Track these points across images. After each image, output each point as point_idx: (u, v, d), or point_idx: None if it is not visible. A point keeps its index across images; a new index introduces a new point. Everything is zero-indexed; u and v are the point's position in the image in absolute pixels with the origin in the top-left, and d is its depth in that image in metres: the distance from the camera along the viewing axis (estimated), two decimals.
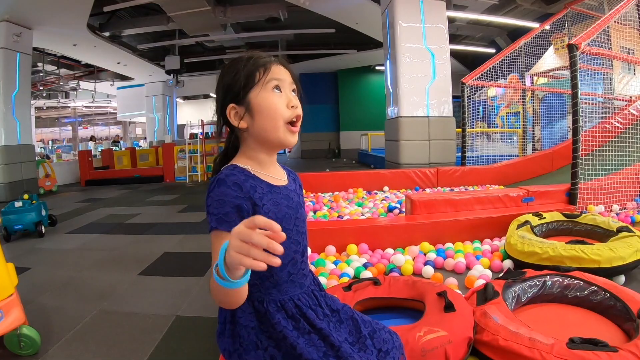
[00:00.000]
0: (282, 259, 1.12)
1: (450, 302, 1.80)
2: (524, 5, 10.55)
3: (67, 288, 3.24)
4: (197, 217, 5.94)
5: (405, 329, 1.62)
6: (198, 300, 2.91)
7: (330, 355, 1.09)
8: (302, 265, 1.20)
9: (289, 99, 1.14)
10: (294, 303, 1.15)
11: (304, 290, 1.19)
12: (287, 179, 1.24)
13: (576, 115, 4.22)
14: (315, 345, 1.10)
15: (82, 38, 10.74)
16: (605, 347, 1.47)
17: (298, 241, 1.18)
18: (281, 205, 1.13)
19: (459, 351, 1.58)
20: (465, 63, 15.42)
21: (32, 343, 2.18)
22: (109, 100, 22.04)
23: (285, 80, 1.15)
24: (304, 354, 1.07)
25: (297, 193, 1.24)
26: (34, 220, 4.86)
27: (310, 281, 1.24)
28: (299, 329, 1.12)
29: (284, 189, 1.17)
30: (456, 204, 3.93)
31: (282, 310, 1.13)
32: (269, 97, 1.12)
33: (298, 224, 1.18)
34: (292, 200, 1.18)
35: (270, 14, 10.49)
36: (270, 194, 1.12)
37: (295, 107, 1.14)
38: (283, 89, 1.14)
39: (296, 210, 1.18)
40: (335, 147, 18.94)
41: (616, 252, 2.54)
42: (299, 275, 1.18)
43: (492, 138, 10.06)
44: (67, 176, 11.62)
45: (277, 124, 1.12)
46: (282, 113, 1.12)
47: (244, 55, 1.18)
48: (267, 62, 1.14)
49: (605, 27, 4.60)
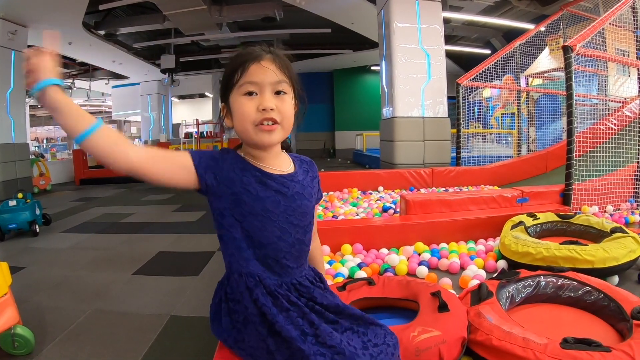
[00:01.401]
0: (261, 239, 1.16)
1: (444, 302, 1.80)
2: (519, 6, 10.59)
3: (62, 287, 3.23)
4: (192, 217, 5.93)
5: (399, 328, 1.62)
6: (192, 299, 2.91)
7: (308, 334, 1.10)
8: (288, 256, 1.20)
9: (261, 101, 1.12)
10: (272, 282, 1.17)
11: (285, 280, 1.19)
12: (296, 170, 1.26)
13: (571, 117, 4.23)
14: (294, 323, 1.11)
15: (77, 36, 10.69)
16: (599, 347, 1.47)
17: (286, 229, 1.18)
18: (269, 189, 1.16)
19: (453, 351, 1.58)
20: (461, 64, 15.46)
21: (26, 343, 2.17)
22: (104, 99, 21.98)
23: (264, 82, 1.13)
24: (283, 331, 1.08)
25: (304, 185, 1.25)
26: (28, 219, 4.83)
27: (299, 275, 1.23)
28: (277, 306, 1.13)
29: (279, 177, 1.19)
30: (451, 204, 3.94)
31: (261, 285, 1.15)
32: (239, 102, 1.14)
33: (290, 213, 1.19)
34: (289, 189, 1.19)
35: (266, 14, 10.47)
36: (258, 175, 1.16)
37: (265, 109, 1.11)
38: (260, 91, 1.13)
39: (291, 199, 1.19)
40: (330, 147, 18.97)
41: (610, 252, 2.55)
42: (279, 264, 1.18)
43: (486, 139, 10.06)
44: (62, 175, 11.56)
45: (245, 127, 1.14)
46: (249, 117, 1.12)
47: (236, 52, 1.20)
48: (246, 61, 1.14)
49: (600, 29, 4.62)
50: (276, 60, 1.16)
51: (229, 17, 10.68)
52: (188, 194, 8.31)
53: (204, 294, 2.97)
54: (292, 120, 1.19)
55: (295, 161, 1.29)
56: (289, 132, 1.20)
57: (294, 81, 1.20)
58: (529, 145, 8.71)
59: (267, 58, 1.15)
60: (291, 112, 1.18)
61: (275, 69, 1.14)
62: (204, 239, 4.62)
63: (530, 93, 8.73)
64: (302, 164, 1.31)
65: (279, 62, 1.16)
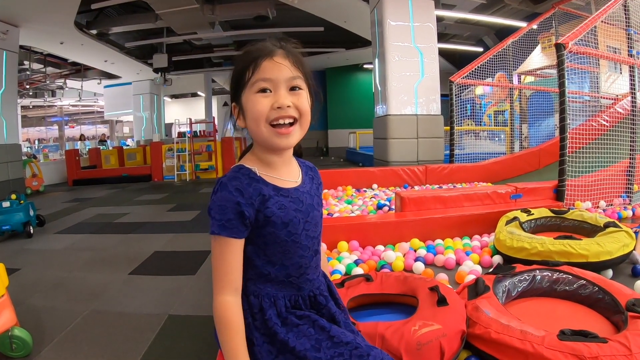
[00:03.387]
0: (284, 261, 1.13)
1: (443, 296, 1.82)
2: (511, 4, 10.64)
3: (58, 288, 3.22)
4: (186, 216, 5.93)
5: (400, 323, 1.64)
6: (190, 299, 2.91)
7: (322, 340, 1.09)
8: (308, 270, 1.17)
9: (276, 98, 1.07)
10: (285, 302, 1.15)
11: (302, 293, 1.18)
12: (303, 179, 1.21)
13: (563, 113, 4.27)
14: (305, 335, 1.10)
15: (69, 36, 10.64)
16: (595, 338, 1.50)
17: (307, 246, 1.15)
18: (288, 209, 1.11)
19: (453, 344, 1.60)
20: (454, 62, 15.51)
21: (24, 345, 2.16)
22: (96, 99, 21.86)
23: (278, 78, 1.07)
24: (296, 347, 1.07)
25: (312, 194, 1.20)
26: (22, 221, 4.81)
27: (315, 286, 1.21)
28: (287, 324, 1.12)
29: (294, 192, 1.14)
30: (445, 200, 3.96)
31: (274, 307, 1.13)
32: (252, 100, 1.08)
33: (308, 227, 1.15)
34: (303, 203, 1.15)
35: (259, 12, 10.45)
36: (276, 197, 1.10)
37: (281, 107, 1.06)
38: (274, 89, 1.08)
39: (306, 214, 1.15)
40: (323, 146, 18.97)
41: (604, 246, 2.58)
42: (301, 279, 1.16)
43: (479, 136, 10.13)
44: (54, 176, 11.49)
45: (259, 126, 1.08)
46: (263, 115, 1.07)
47: (245, 48, 1.14)
48: (258, 57, 1.08)
49: (592, 27, 4.66)
50: (289, 56, 1.10)
51: (221, 15, 10.66)
52: (181, 194, 8.31)
53: (201, 293, 2.97)
54: (309, 117, 1.13)
55: (302, 168, 1.24)
56: (306, 131, 1.14)
57: (308, 76, 1.14)
58: (522, 142, 8.76)
59: (280, 53, 1.09)
60: (308, 108, 1.12)
61: (289, 65, 1.09)
62: (199, 238, 4.61)
63: (522, 90, 8.77)
64: (308, 171, 1.26)
65: (292, 57, 1.11)
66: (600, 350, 1.44)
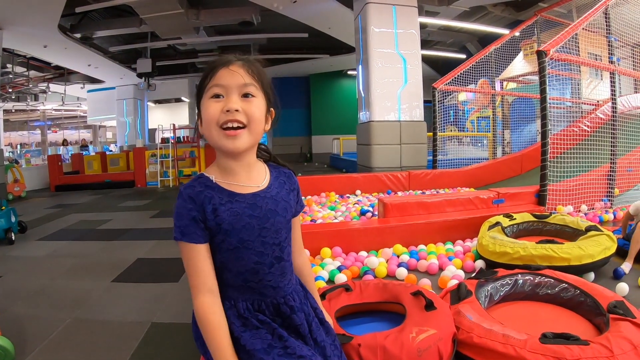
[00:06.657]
0: (239, 267, 1.15)
1: (430, 301, 1.83)
2: (494, 12, 10.79)
3: (40, 296, 3.17)
4: (170, 223, 5.80)
5: (396, 331, 1.64)
6: (173, 306, 2.89)
7: (275, 347, 1.11)
8: (269, 277, 1.18)
9: (226, 102, 1.11)
10: (246, 304, 1.17)
11: (265, 299, 1.19)
12: (270, 184, 1.22)
13: (545, 119, 4.33)
14: (261, 337, 1.12)
15: (52, 39, 10.52)
16: (577, 340, 1.52)
17: (262, 252, 1.16)
18: (242, 215, 1.13)
19: (447, 347, 1.62)
20: (437, 68, 15.66)
21: (5, 353, 2.12)
22: (79, 104, 21.64)
23: (230, 85, 1.11)
24: (247, 345, 1.10)
25: (278, 199, 1.20)
26: (4, 227, 4.73)
27: (280, 295, 1.21)
28: (247, 326, 1.14)
29: (251, 197, 1.16)
30: (428, 206, 3.98)
31: (234, 309, 1.16)
32: (205, 105, 1.13)
33: (265, 234, 1.16)
34: (261, 209, 1.16)
35: (244, 18, 10.44)
36: (229, 204, 1.13)
37: (229, 110, 1.10)
38: (226, 94, 1.12)
39: (264, 220, 1.16)
40: (307, 152, 18.97)
41: (585, 250, 2.62)
42: (260, 285, 1.17)
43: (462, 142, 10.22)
44: (37, 181, 11.31)
45: (210, 129, 1.12)
46: (214, 119, 1.11)
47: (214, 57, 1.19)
48: (215, 67, 1.14)
49: (573, 34, 4.73)
50: (245, 65, 1.15)
51: (206, 21, 10.63)
52: (165, 200, 8.25)
53: (185, 300, 2.95)
54: (261, 125, 1.16)
55: (272, 173, 1.25)
56: (258, 137, 1.17)
57: (265, 85, 1.18)
58: (504, 148, 8.86)
59: (237, 63, 1.14)
60: (259, 115, 1.15)
61: (243, 73, 1.13)
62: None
63: (505, 96, 8.88)
64: (279, 176, 1.27)
65: (248, 66, 1.15)
66: (582, 353, 1.46)
